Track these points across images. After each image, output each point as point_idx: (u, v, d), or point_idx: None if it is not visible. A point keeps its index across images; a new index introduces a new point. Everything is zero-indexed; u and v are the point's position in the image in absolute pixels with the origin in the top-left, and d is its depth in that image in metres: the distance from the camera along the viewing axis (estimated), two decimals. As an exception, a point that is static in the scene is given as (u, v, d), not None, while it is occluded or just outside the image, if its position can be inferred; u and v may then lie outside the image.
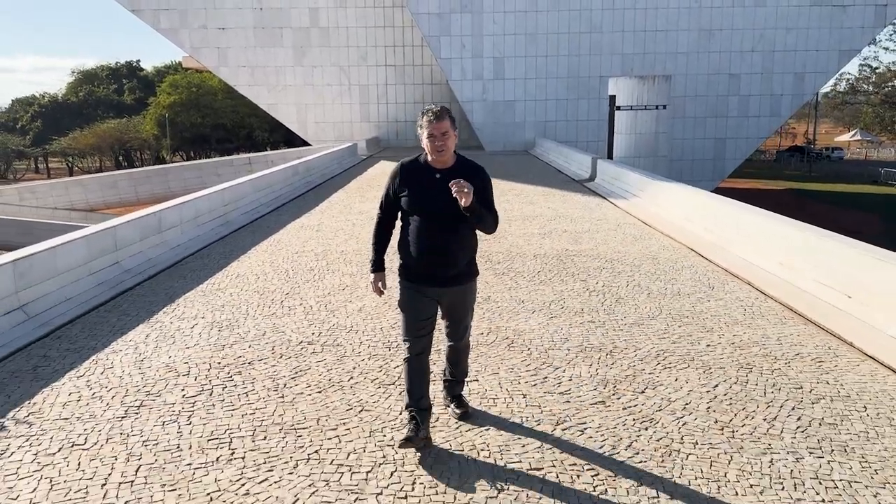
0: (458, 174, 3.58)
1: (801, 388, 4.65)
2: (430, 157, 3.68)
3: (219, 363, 5.17)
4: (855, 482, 3.46)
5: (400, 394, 4.44)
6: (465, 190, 3.40)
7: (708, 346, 5.46)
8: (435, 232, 3.62)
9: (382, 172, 21.58)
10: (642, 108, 29.68)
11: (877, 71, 72.85)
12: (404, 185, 3.69)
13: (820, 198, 41.24)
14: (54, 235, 7.85)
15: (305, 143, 37.29)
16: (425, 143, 3.62)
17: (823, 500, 3.30)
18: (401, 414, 4.16)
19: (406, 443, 3.64)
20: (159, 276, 8.21)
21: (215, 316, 6.41)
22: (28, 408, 4.48)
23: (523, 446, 3.81)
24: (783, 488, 3.40)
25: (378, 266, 3.90)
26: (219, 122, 61.81)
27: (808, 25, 30.40)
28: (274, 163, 27.64)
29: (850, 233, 7.45)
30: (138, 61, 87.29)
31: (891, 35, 70.76)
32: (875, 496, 3.34)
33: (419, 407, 3.74)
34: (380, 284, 3.89)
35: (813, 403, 4.40)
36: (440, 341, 4.07)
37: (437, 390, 4.27)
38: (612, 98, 30.54)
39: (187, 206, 10.40)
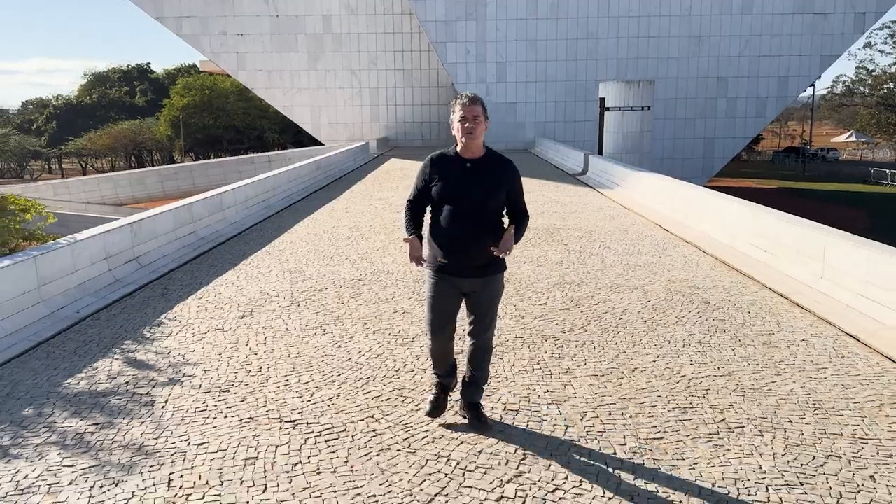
0: (487, 165, 3.69)
1: (709, 303, 6.65)
2: (459, 146, 3.69)
3: (298, 290, 7.21)
4: (722, 344, 5.46)
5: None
6: (506, 252, 3.63)
7: (650, 281, 7.47)
8: (464, 221, 3.62)
9: (394, 168, 23.62)
10: (629, 109, 31.82)
11: (873, 73, 74.66)
12: (435, 175, 3.69)
13: (810, 196, 43.15)
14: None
15: (314, 143, 39.35)
16: (456, 126, 3.64)
17: (698, 351, 5.29)
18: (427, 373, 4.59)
19: (431, 412, 4.00)
20: (227, 242, 10.26)
21: (284, 265, 8.46)
22: (172, 314, 6.52)
23: (512, 328, 5.83)
24: (675, 346, 5.41)
25: (414, 229, 3.80)
26: (231, 124, 63.74)
27: (791, 32, 32.39)
28: (292, 160, 29.66)
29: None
30: (149, 64, 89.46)
31: (886, 39, 72.67)
32: (733, 350, 5.33)
33: (444, 373, 4.01)
34: (417, 253, 3.76)
35: (714, 310, 6.40)
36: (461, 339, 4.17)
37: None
38: (602, 100, 32.66)
39: (239, 190, 12.45)
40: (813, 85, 62.07)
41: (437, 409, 4.00)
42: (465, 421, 4.00)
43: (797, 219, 8.13)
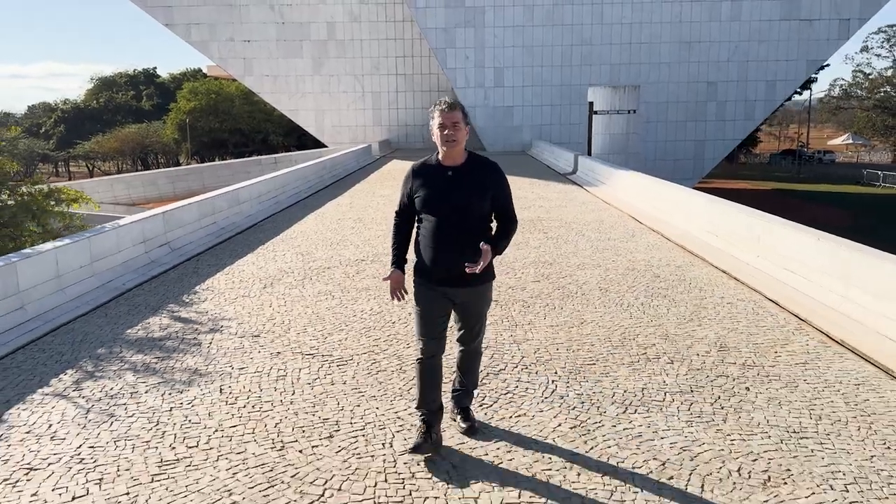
0: (469, 170, 3.61)
1: (658, 276, 7.84)
2: (440, 154, 3.62)
3: (310, 267, 8.42)
4: (660, 305, 6.64)
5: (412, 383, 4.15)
6: (478, 267, 3.44)
7: (613, 261, 8.66)
8: (449, 230, 3.56)
9: (396, 169, 24.83)
10: (615, 112, 33.41)
11: (869, 77, 75.86)
12: (418, 186, 3.63)
13: (802, 197, 44.32)
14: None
15: (317, 146, 40.62)
16: (436, 133, 3.57)
17: (638, 310, 6.47)
18: (411, 413, 4.17)
19: (415, 450, 3.63)
20: (245, 232, 11.47)
21: (297, 249, 9.67)
22: (205, 285, 7.72)
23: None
24: (621, 306, 6.58)
25: (398, 263, 3.75)
26: (236, 127, 65.00)
27: (778, 38, 33.58)
28: (297, 161, 30.84)
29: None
30: (155, 69, 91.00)
31: (882, 42, 73.86)
32: (667, 309, 6.51)
33: (430, 409, 3.74)
34: (399, 287, 3.75)
35: (661, 282, 7.58)
36: (452, 344, 4.02)
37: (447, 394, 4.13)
38: (591, 104, 34.09)
39: (254, 187, 13.66)
40: (809, 88, 63.36)
41: (421, 446, 3.65)
42: (455, 422, 3.95)
43: (745, 208, 9.30)
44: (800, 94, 64.72)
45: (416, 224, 3.77)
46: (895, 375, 4.88)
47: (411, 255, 3.81)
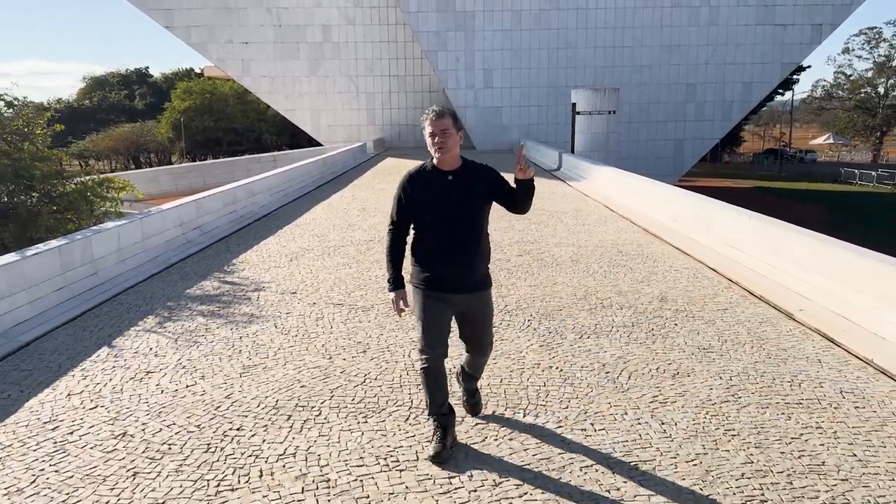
0: (466, 175, 3.65)
1: (622, 252, 9.33)
2: (435, 160, 3.66)
3: (326, 246, 9.86)
4: (618, 272, 8.12)
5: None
6: (524, 165, 3.52)
7: (585, 241, 10.15)
8: (450, 235, 3.60)
9: (390, 165, 26.25)
10: (597, 112, 35.34)
11: (850, 78, 77.94)
12: (415, 192, 3.64)
13: (781, 195, 46.10)
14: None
15: (311, 145, 41.96)
16: (428, 141, 3.61)
17: (600, 275, 7.95)
18: (426, 419, 4.12)
19: (435, 458, 3.69)
20: (261, 219, 12.88)
21: (312, 233, 11.10)
22: (240, 259, 9.14)
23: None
24: (587, 273, 8.06)
25: (397, 284, 3.78)
26: (230, 126, 66.11)
27: (754, 42, 35.31)
28: (295, 160, 32.19)
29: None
30: (147, 68, 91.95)
31: (863, 45, 75.94)
32: (624, 275, 7.99)
33: (441, 413, 3.80)
34: (401, 303, 3.79)
35: (622, 256, 9.07)
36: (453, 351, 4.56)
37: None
38: (574, 105, 35.90)
39: (264, 181, 15.07)
40: (791, 89, 65.27)
41: (440, 454, 3.71)
42: (464, 406, 4.26)
43: (700, 196, 10.81)
44: (782, 94, 66.57)
45: (412, 233, 3.78)
46: (793, 318, 6.38)
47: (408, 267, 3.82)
